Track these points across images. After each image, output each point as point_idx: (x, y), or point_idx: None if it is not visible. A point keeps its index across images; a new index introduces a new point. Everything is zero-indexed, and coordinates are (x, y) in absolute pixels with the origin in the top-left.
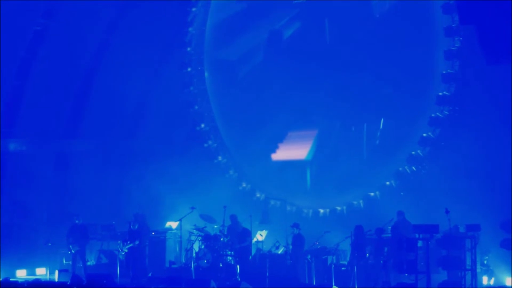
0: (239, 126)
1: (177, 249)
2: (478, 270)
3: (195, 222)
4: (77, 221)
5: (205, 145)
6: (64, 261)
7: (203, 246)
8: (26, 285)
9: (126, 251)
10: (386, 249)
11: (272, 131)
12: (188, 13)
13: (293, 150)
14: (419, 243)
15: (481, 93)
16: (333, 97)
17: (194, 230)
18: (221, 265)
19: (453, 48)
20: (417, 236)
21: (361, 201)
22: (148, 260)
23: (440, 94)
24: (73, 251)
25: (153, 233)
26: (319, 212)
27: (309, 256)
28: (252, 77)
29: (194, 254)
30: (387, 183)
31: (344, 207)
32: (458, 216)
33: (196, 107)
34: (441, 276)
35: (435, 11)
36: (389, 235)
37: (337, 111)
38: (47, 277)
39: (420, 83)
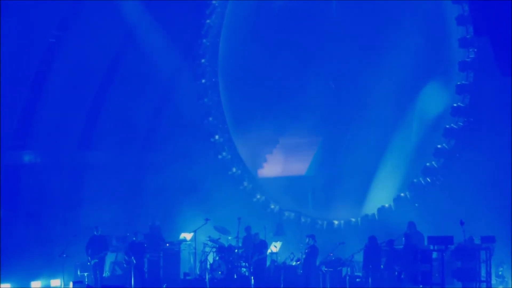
0: (253, 138)
1: (192, 260)
2: (493, 281)
3: (210, 234)
4: (95, 232)
5: (219, 156)
6: (78, 273)
7: (217, 258)
8: None
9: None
10: (400, 260)
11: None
12: (202, 25)
13: (306, 161)
14: (434, 255)
15: (495, 104)
16: (349, 110)
17: (209, 242)
18: (235, 277)
19: (467, 59)
20: (431, 247)
21: (375, 213)
22: (163, 271)
23: (455, 105)
24: (91, 263)
25: (167, 245)
26: (333, 223)
27: (323, 267)
28: (266, 86)
29: (208, 266)
30: (402, 194)
31: (359, 219)
32: (473, 228)
33: (211, 119)
34: (456, 287)
35: (449, 23)
36: (401, 246)
37: (353, 123)
38: None
39: (435, 94)
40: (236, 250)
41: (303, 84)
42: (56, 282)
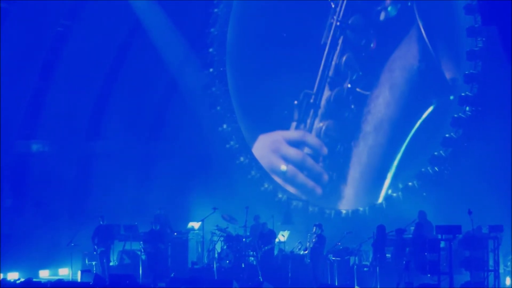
0: (261, 127)
1: (199, 249)
2: (501, 271)
3: (217, 223)
4: (101, 222)
5: (227, 145)
6: (86, 261)
7: (225, 247)
8: (49, 285)
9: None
10: (407, 249)
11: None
12: (210, 15)
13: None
14: (442, 244)
15: (503, 94)
16: (357, 97)
17: (216, 231)
18: (243, 266)
19: (475, 49)
20: (439, 236)
21: (383, 202)
22: (171, 260)
23: (463, 94)
24: (98, 252)
25: (175, 234)
26: (341, 212)
27: (331, 256)
28: (274, 75)
29: (216, 255)
30: (410, 183)
31: (367, 208)
32: (481, 217)
33: (218, 108)
34: (463, 277)
35: (457, 12)
36: (410, 235)
37: (361, 111)
38: (70, 277)
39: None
40: (244, 239)
41: (313, 72)
42: (64, 271)
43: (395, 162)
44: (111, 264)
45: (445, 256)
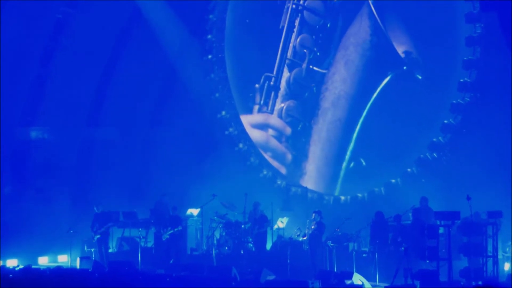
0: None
1: (199, 236)
2: (500, 256)
3: (216, 209)
4: (96, 210)
5: (226, 132)
6: (86, 248)
7: (224, 233)
8: (48, 272)
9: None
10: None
11: None
12: (209, 1)
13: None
14: (441, 230)
15: (502, 80)
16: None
17: (215, 217)
18: (242, 252)
19: (474, 35)
20: (438, 222)
21: (382, 188)
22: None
23: (462, 80)
24: (95, 239)
25: None
26: (340, 199)
27: (330, 242)
28: (273, 61)
29: (215, 241)
30: (409, 170)
31: (366, 194)
32: (480, 203)
33: (217, 95)
34: (462, 262)
35: None
36: (409, 221)
37: (360, 98)
38: (69, 264)
39: (442, 69)
40: (242, 226)
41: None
42: (63, 258)
43: (354, 136)
44: (110, 251)
45: (443, 242)
